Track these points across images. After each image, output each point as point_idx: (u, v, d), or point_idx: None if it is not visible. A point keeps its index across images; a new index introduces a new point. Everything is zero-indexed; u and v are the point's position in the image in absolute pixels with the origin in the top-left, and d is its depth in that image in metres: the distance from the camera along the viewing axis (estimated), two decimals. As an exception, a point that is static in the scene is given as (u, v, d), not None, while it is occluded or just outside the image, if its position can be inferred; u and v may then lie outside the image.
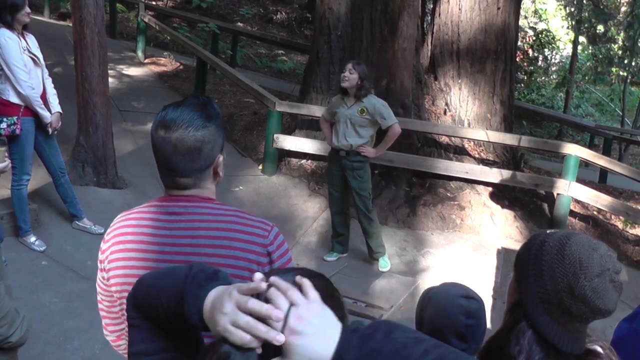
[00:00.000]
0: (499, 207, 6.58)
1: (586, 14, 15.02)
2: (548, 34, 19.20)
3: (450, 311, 1.71)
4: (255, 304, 0.88)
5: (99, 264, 1.59)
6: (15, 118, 4.30)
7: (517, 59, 12.90)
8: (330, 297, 0.95)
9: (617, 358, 1.30)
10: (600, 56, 16.53)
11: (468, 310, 1.73)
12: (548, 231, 1.35)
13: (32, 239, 4.61)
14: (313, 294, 0.90)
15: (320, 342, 0.86)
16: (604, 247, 1.26)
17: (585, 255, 1.23)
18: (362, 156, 5.13)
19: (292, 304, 0.88)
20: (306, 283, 0.91)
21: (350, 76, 4.99)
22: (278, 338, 0.86)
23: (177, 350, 1.07)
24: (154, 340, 1.06)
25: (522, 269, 1.33)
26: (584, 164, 7.63)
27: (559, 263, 1.24)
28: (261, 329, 0.86)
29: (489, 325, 1.89)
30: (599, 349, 1.29)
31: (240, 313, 0.88)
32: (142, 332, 1.07)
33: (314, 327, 0.87)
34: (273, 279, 0.91)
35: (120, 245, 1.52)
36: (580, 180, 6.66)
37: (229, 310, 0.89)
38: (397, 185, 6.67)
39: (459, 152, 7.07)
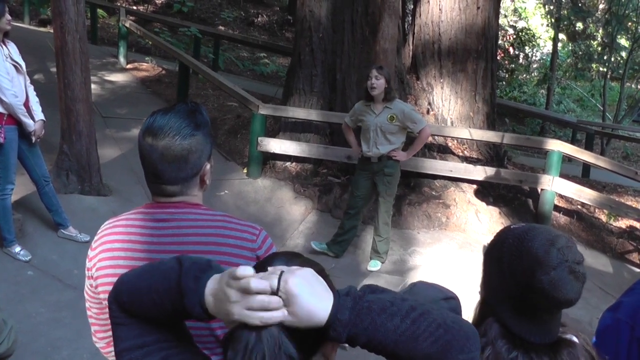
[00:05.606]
0: (483, 204, 6.63)
1: (565, 12, 15.22)
2: (528, 32, 19.41)
3: None
4: (259, 283, 0.90)
5: (86, 272, 1.58)
6: (-3, 127, 4.26)
7: (498, 58, 13.00)
8: (320, 272, 0.99)
9: (591, 347, 1.33)
10: (580, 53, 16.78)
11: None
12: (512, 226, 1.39)
13: (17, 249, 4.56)
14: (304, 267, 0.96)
15: (317, 302, 0.90)
16: (563, 239, 1.29)
17: (542, 250, 1.26)
18: (393, 161, 5.10)
19: (282, 272, 0.92)
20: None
21: (378, 82, 4.89)
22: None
23: (174, 340, 1.08)
24: (149, 333, 1.06)
25: (487, 267, 1.39)
26: (567, 159, 7.71)
27: (517, 259, 1.29)
28: (275, 302, 0.89)
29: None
30: (574, 339, 1.32)
31: (248, 296, 0.90)
32: (133, 328, 1.07)
33: (310, 288, 0.91)
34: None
35: (108, 253, 1.51)
36: (563, 175, 6.72)
37: (237, 298, 0.91)
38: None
39: (443, 151, 7.11)
